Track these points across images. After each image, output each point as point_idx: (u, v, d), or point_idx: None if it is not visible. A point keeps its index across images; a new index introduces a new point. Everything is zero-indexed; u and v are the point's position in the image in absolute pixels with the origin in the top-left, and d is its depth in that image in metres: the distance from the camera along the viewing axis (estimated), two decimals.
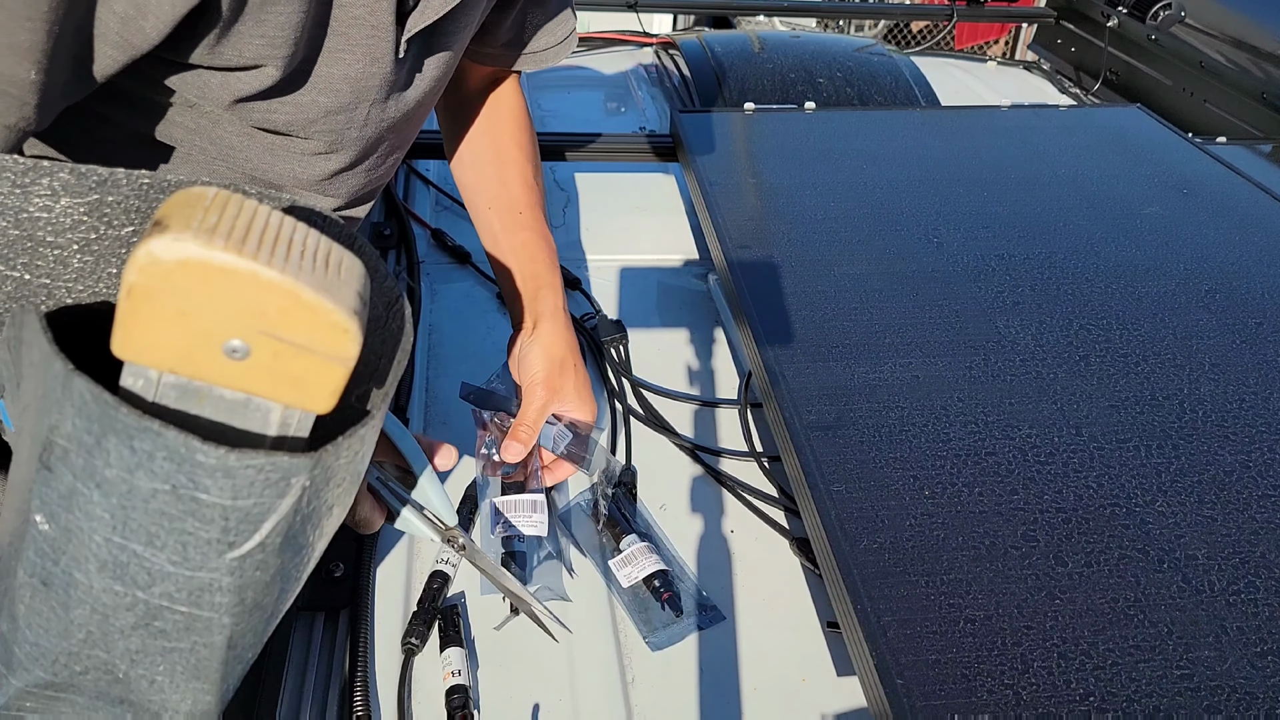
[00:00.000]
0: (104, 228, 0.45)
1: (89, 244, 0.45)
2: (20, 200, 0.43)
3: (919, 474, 0.83)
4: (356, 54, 0.65)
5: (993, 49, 3.60)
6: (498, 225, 0.95)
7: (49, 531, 0.39)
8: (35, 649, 0.43)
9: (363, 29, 0.64)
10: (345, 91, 0.67)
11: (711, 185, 1.26)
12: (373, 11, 0.64)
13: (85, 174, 0.43)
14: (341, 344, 0.37)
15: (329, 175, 0.75)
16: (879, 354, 0.97)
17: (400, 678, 0.76)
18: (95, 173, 0.43)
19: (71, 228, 0.44)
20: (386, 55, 0.67)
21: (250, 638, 0.45)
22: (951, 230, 1.19)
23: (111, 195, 0.44)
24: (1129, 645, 0.70)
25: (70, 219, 0.44)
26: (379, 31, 0.65)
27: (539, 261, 0.93)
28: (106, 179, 0.44)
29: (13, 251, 0.44)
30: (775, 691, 0.77)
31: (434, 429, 1.01)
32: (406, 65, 0.72)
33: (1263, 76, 1.74)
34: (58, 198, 0.43)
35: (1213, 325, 1.03)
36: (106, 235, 0.45)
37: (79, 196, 0.43)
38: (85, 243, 0.44)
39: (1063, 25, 2.28)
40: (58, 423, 0.37)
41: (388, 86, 0.70)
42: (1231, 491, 0.83)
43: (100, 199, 0.44)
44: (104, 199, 0.44)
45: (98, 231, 0.44)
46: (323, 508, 0.42)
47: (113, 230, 0.45)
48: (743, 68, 1.74)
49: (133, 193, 0.45)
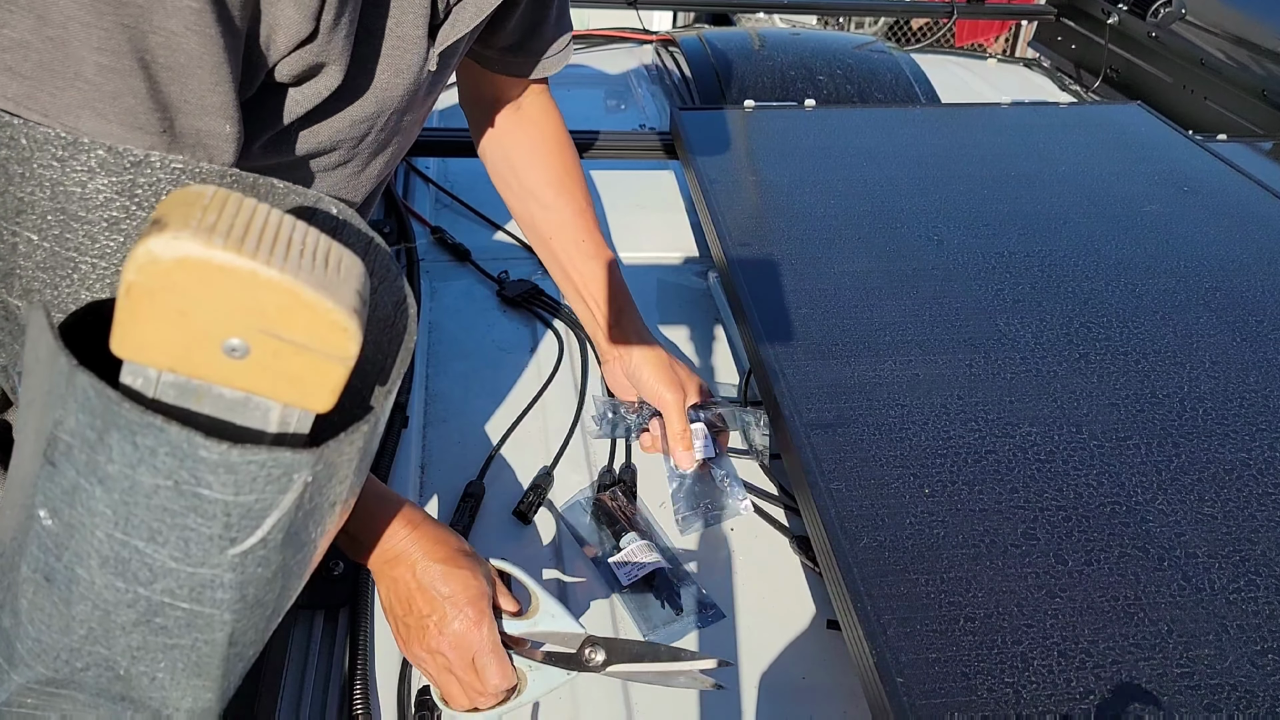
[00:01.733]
0: (134, 208, 0.46)
1: (117, 223, 0.46)
2: (58, 173, 0.44)
3: (919, 472, 0.83)
4: (382, 64, 0.66)
5: (993, 46, 3.59)
6: (563, 257, 1.01)
7: (52, 527, 0.39)
8: (37, 645, 0.43)
9: (389, 40, 0.65)
10: (370, 102, 0.68)
11: (711, 183, 1.26)
12: (399, 23, 0.65)
13: (121, 154, 0.45)
14: (341, 343, 0.37)
15: (343, 179, 0.75)
16: (879, 352, 0.97)
17: (400, 676, 0.76)
18: (131, 153, 0.45)
19: (104, 205, 0.45)
20: (411, 67, 0.68)
21: (252, 635, 0.45)
22: (951, 228, 1.19)
23: (144, 177, 0.45)
24: (1129, 643, 0.70)
25: (103, 196, 0.45)
26: (404, 43, 0.66)
27: (608, 284, 1.00)
28: (141, 160, 0.45)
29: (45, 222, 0.45)
30: (775, 690, 0.77)
31: (434, 428, 1.02)
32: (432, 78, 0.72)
33: (1263, 74, 1.73)
34: (94, 174, 0.45)
35: (1213, 323, 1.03)
36: (135, 216, 0.46)
37: (113, 175, 0.45)
38: (113, 221, 0.45)
39: (1063, 22, 2.28)
40: (62, 418, 0.37)
41: (411, 97, 0.71)
42: (1232, 489, 0.83)
43: (134, 179, 0.45)
44: (136, 180, 0.45)
45: (127, 211, 0.45)
46: (325, 504, 0.42)
47: (142, 211, 0.46)
48: (743, 65, 1.74)
49: (165, 176, 0.46)
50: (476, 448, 0.99)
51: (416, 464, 0.97)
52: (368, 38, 0.64)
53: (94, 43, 0.45)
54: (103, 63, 0.46)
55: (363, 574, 0.82)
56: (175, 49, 0.48)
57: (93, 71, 0.46)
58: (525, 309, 1.20)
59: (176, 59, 0.48)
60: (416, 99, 0.72)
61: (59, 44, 0.45)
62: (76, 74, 0.46)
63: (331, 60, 0.60)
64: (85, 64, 0.46)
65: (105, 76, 0.46)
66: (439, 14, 0.68)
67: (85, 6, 0.44)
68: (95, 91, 0.46)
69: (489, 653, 0.67)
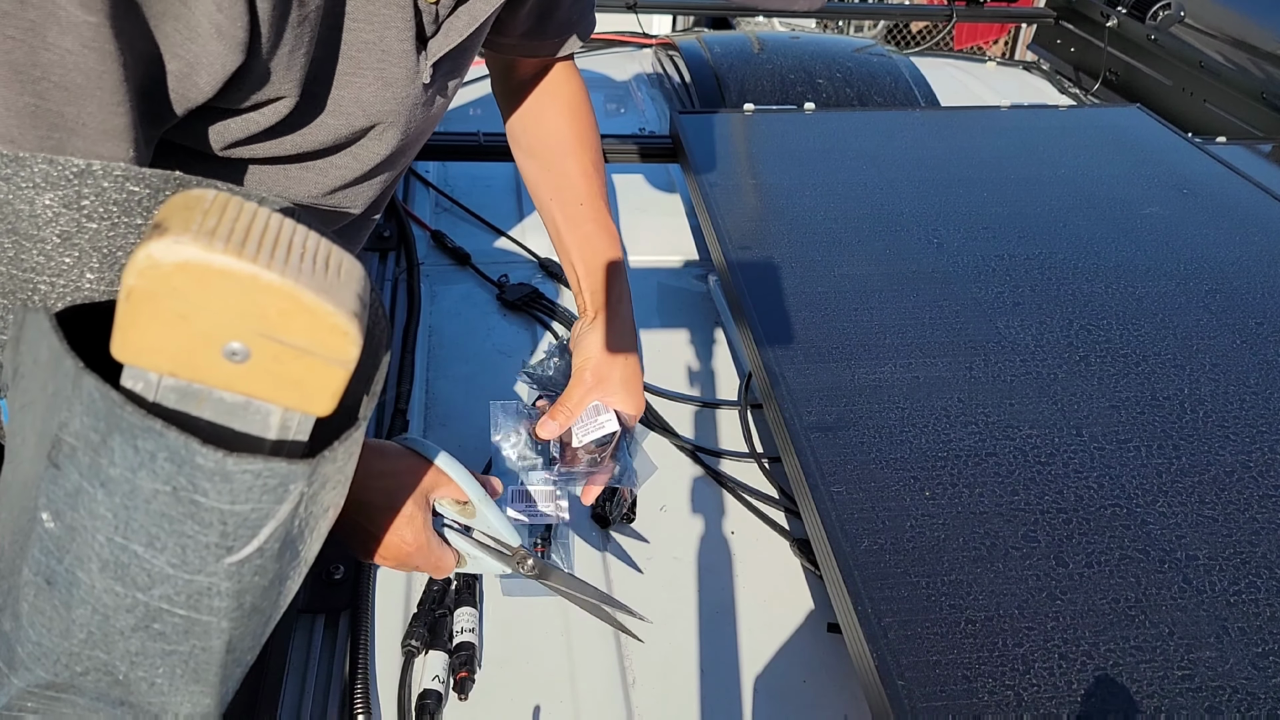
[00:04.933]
0: (84, 219, 0.44)
1: (70, 237, 0.44)
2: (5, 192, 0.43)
3: (919, 475, 0.83)
4: (367, 78, 0.66)
5: (992, 49, 3.60)
6: (560, 218, 0.97)
7: (54, 530, 0.39)
8: (38, 649, 0.43)
9: (372, 53, 0.65)
10: (358, 115, 0.67)
11: (711, 186, 1.26)
12: (382, 37, 0.64)
13: (63, 165, 0.43)
14: (342, 346, 0.37)
15: (341, 186, 0.75)
16: (879, 355, 0.97)
17: (400, 680, 0.76)
18: (72, 164, 0.43)
19: (52, 220, 0.44)
20: (401, 80, 0.67)
21: (248, 641, 0.45)
22: (951, 231, 1.19)
23: (88, 187, 0.44)
24: (1130, 646, 0.70)
25: (50, 212, 0.43)
26: (390, 56, 0.66)
27: (603, 254, 0.95)
28: (83, 170, 0.43)
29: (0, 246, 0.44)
30: (776, 693, 0.77)
31: (434, 430, 1.02)
32: (434, 88, 0.72)
33: (1262, 76, 1.74)
34: (39, 190, 0.43)
35: (1213, 325, 1.03)
36: (86, 229, 0.44)
37: (58, 189, 0.43)
38: (65, 236, 0.44)
39: (1062, 25, 2.28)
40: (67, 420, 0.37)
41: (408, 109, 0.70)
42: (1232, 492, 0.83)
43: (79, 190, 0.44)
44: (81, 190, 0.44)
45: (77, 224, 0.44)
46: (318, 511, 0.43)
47: (91, 224, 0.44)
48: (742, 68, 1.74)
49: (110, 184, 0.44)
50: (477, 451, 0.99)
51: None
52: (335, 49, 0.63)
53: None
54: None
55: (363, 578, 0.82)
56: (71, 68, 0.46)
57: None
58: (525, 313, 1.20)
59: (73, 78, 0.46)
60: (415, 109, 0.72)
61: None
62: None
63: (280, 87, 0.58)
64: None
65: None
66: (426, 27, 0.68)
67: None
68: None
69: (431, 553, 0.72)
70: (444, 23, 0.69)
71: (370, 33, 0.64)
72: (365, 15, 0.62)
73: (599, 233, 0.95)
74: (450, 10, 0.68)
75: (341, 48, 0.63)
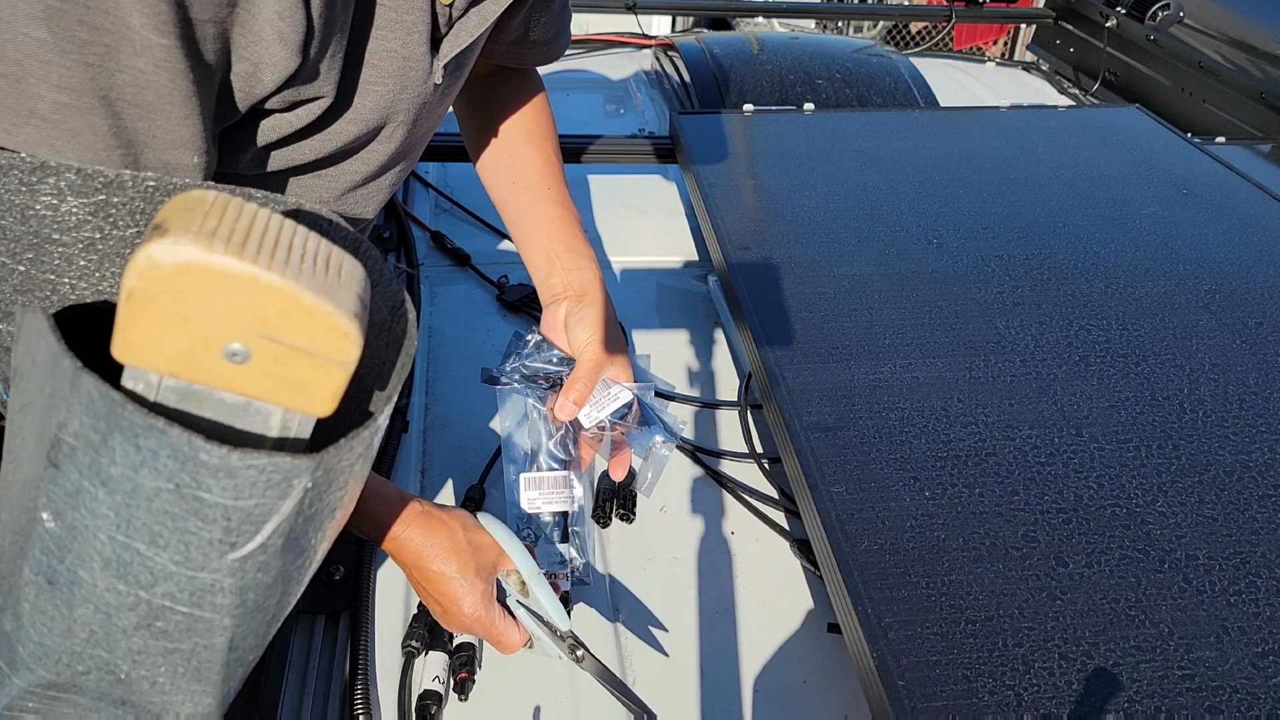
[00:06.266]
0: (109, 228, 0.45)
1: (94, 244, 0.46)
2: (27, 198, 0.44)
3: (919, 475, 0.83)
4: (387, 85, 0.67)
5: (992, 50, 3.60)
6: (525, 200, 0.95)
7: (55, 529, 0.39)
8: (39, 648, 0.43)
9: (394, 61, 0.66)
10: (373, 119, 0.68)
11: (711, 187, 1.26)
12: (405, 44, 0.65)
13: (92, 175, 0.45)
14: (342, 347, 0.37)
15: (351, 188, 0.76)
16: (879, 355, 0.97)
17: (400, 681, 0.76)
18: (102, 174, 0.45)
19: (77, 227, 0.45)
20: (414, 82, 0.68)
21: (252, 640, 0.45)
22: (951, 231, 1.19)
23: (117, 197, 0.45)
24: (1130, 646, 0.70)
25: (75, 218, 0.45)
26: (410, 62, 0.67)
27: (573, 235, 0.93)
28: (112, 180, 0.45)
29: (19, 246, 0.45)
30: (776, 693, 0.77)
31: (434, 432, 1.02)
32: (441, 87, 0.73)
33: (1261, 76, 1.74)
34: (64, 197, 0.44)
35: (1212, 325, 1.03)
36: (111, 236, 0.46)
37: (85, 197, 0.45)
38: (90, 242, 0.45)
39: (1061, 26, 2.28)
40: (66, 420, 0.37)
41: (417, 110, 0.71)
42: (1232, 491, 0.83)
43: (106, 199, 0.45)
44: (109, 200, 0.45)
45: (102, 231, 0.45)
46: (325, 510, 0.43)
47: (117, 231, 0.45)
48: (741, 69, 1.75)
49: (138, 194, 0.45)
50: (477, 452, 0.99)
51: (417, 468, 0.97)
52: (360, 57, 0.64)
53: (53, 80, 0.45)
54: (61, 100, 0.46)
55: (363, 578, 0.82)
56: (144, 87, 0.48)
57: (49, 109, 0.46)
58: (525, 313, 1.20)
59: (145, 96, 0.48)
60: (424, 110, 0.73)
61: (14, 81, 0.45)
62: (32, 111, 0.46)
63: (321, 87, 0.60)
64: (41, 101, 0.46)
65: (63, 114, 0.46)
66: (440, 28, 0.69)
67: (45, 45, 0.44)
68: (52, 129, 0.47)
69: (492, 625, 0.74)
70: (456, 23, 0.69)
71: (393, 40, 0.65)
72: (388, 23, 0.64)
73: (567, 215, 0.94)
74: (463, 11, 0.69)
75: (366, 56, 0.64)
